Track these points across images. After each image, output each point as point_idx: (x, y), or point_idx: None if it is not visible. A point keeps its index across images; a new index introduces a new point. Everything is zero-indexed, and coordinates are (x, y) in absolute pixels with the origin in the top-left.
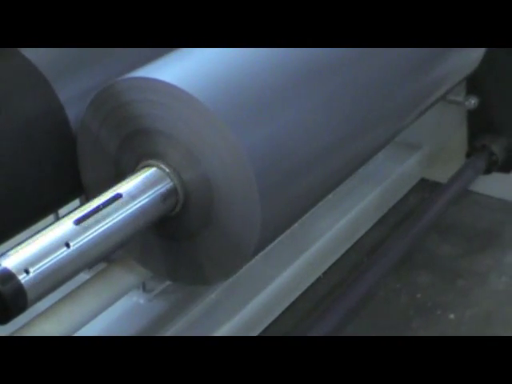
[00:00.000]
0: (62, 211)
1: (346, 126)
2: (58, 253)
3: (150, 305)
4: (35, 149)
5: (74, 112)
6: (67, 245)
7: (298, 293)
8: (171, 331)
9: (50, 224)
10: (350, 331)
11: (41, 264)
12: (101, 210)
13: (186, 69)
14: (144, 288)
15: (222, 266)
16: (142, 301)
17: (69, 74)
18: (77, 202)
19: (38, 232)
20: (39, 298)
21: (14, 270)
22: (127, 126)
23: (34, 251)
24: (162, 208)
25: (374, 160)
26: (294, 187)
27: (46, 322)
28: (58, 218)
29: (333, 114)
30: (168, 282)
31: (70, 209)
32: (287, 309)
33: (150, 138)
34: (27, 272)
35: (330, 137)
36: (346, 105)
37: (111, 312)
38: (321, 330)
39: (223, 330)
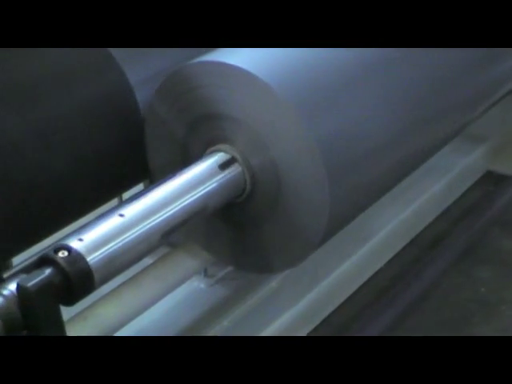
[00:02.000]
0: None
1: (413, 119)
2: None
3: (210, 290)
4: (103, 131)
5: (143, 95)
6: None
7: (358, 283)
8: (231, 317)
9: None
10: (410, 325)
11: (109, 247)
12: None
13: (256, 55)
14: (205, 273)
15: (288, 254)
16: (202, 286)
17: (139, 56)
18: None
19: (106, 215)
20: (106, 280)
21: (82, 252)
22: (196, 111)
23: (102, 234)
24: (229, 193)
25: (438, 152)
26: (361, 177)
27: (109, 304)
28: (121, 201)
29: (400, 106)
30: (229, 268)
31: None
32: (347, 299)
33: (218, 123)
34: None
35: (396, 129)
36: (413, 98)
37: (172, 296)
38: (381, 322)
39: (282, 319)
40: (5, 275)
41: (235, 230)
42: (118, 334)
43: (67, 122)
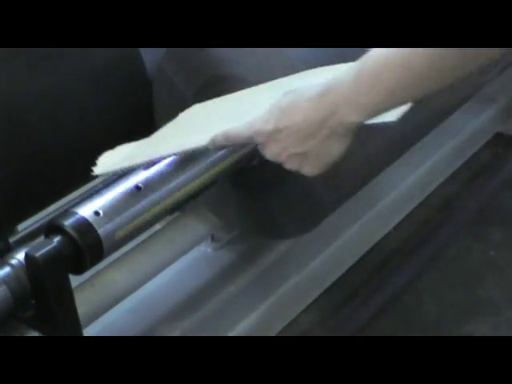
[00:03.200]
0: None
1: None
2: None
3: (217, 254)
4: (110, 93)
5: (150, 56)
6: (138, 187)
7: (368, 246)
8: (238, 282)
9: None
10: (421, 287)
11: (115, 211)
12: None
13: None
14: (212, 237)
15: (299, 220)
16: (209, 250)
17: None
18: None
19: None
20: (115, 248)
21: (90, 220)
22: (205, 72)
23: (107, 199)
24: (240, 158)
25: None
26: (375, 140)
27: (117, 271)
28: None
29: None
30: (236, 232)
31: None
32: (357, 262)
33: (227, 85)
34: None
35: None
36: None
37: (179, 260)
38: (391, 285)
39: (290, 283)
40: (11, 240)
41: (246, 195)
42: (126, 300)
43: (72, 84)
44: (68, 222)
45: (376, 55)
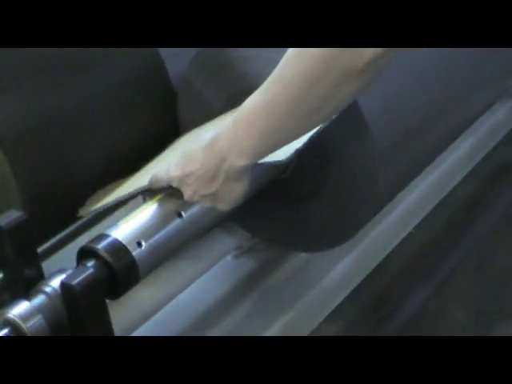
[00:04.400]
0: None
1: (459, 89)
2: (171, 224)
3: (238, 262)
4: (134, 105)
5: (175, 67)
6: (179, 215)
7: (389, 249)
8: (260, 290)
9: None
10: (446, 291)
11: (153, 236)
12: None
13: None
14: None
15: (334, 233)
16: (229, 258)
17: None
18: None
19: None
20: (150, 271)
21: (125, 243)
22: (234, 85)
23: (145, 223)
24: (273, 171)
25: None
26: (408, 149)
27: (145, 288)
28: None
29: (445, 76)
30: (256, 239)
31: None
32: (379, 265)
33: None
34: (139, 245)
35: (443, 99)
36: (456, 68)
37: None
38: (419, 290)
39: (313, 291)
40: None
41: (277, 208)
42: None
43: (95, 97)
44: (101, 246)
45: (249, 102)
